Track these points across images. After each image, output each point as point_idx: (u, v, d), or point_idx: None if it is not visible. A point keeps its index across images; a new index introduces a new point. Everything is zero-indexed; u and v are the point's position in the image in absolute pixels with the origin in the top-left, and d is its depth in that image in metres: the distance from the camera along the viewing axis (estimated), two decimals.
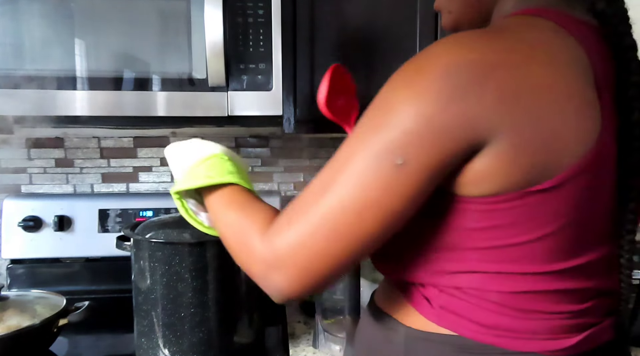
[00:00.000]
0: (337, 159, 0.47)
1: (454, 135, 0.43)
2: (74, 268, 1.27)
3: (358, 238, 0.46)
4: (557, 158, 0.44)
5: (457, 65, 0.43)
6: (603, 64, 0.48)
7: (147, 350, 0.87)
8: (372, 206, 0.45)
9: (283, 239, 0.49)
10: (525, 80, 0.44)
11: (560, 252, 0.48)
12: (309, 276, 0.48)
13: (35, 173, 1.33)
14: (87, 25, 0.94)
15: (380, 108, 0.46)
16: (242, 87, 0.97)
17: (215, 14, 0.92)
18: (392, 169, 0.44)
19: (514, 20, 0.50)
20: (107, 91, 0.95)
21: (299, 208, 0.49)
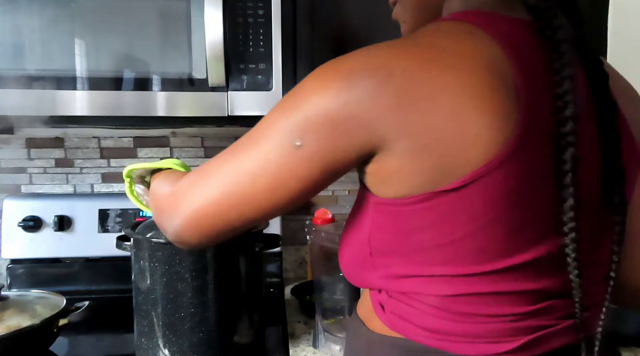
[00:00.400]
0: (252, 130, 0.53)
1: (348, 132, 0.46)
2: (74, 268, 1.27)
3: (250, 204, 0.51)
4: (462, 159, 0.45)
5: (359, 68, 0.46)
6: (535, 60, 0.48)
7: (147, 350, 0.87)
8: (266, 177, 0.50)
9: (185, 190, 0.55)
10: (424, 85, 0.45)
11: (489, 252, 0.48)
12: (198, 227, 0.54)
13: (35, 173, 1.33)
14: (87, 25, 0.94)
15: (294, 93, 0.50)
16: (242, 87, 0.97)
17: (215, 14, 0.92)
18: (290, 148, 0.48)
19: (433, 26, 0.51)
20: (107, 91, 0.95)
21: (208, 166, 0.55)
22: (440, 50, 0.47)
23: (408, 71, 0.45)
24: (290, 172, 0.49)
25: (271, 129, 0.50)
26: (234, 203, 0.52)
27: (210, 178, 0.54)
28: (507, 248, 0.48)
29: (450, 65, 0.46)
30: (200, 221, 0.54)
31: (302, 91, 0.49)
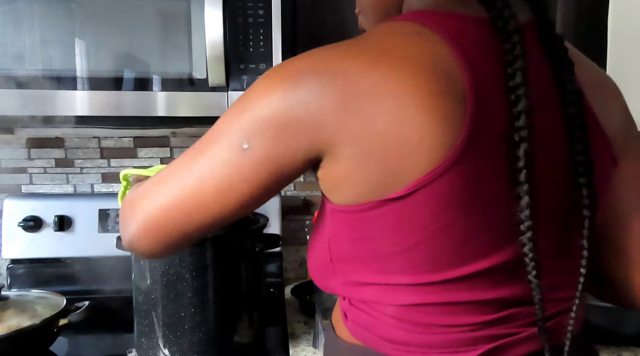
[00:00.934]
0: (205, 133, 0.51)
1: (294, 135, 0.46)
2: (74, 268, 1.27)
3: (199, 207, 0.50)
4: (407, 166, 0.43)
5: (304, 71, 0.46)
6: (487, 56, 0.46)
7: (147, 350, 0.87)
8: (214, 180, 0.49)
9: (142, 194, 0.54)
10: (367, 88, 0.44)
11: (441, 261, 0.47)
12: (149, 232, 0.53)
13: (35, 173, 1.33)
14: (87, 25, 0.94)
15: (244, 96, 0.49)
16: (242, 87, 0.97)
17: (215, 14, 0.92)
18: (239, 150, 0.47)
19: (381, 26, 0.50)
20: (107, 91, 0.95)
21: (165, 171, 0.54)
22: (384, 52, 0.45)
23: (350, 73, 0.44)
24: (238, 174, 0.48)
25: (221, 132, 0.49)
26: (183, 207, 0.51)
27: (162, 183, 0.53)
28: (461, 256, 0.47)
29: (394, 67, 0.44)
30: (150, 227, 0.53)
31: (251, 94, 0.48)
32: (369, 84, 0.44)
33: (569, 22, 1.11)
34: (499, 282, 0.49)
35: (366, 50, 0.46)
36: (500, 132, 0.45)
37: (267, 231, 0.94)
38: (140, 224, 0.53)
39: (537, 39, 0.50)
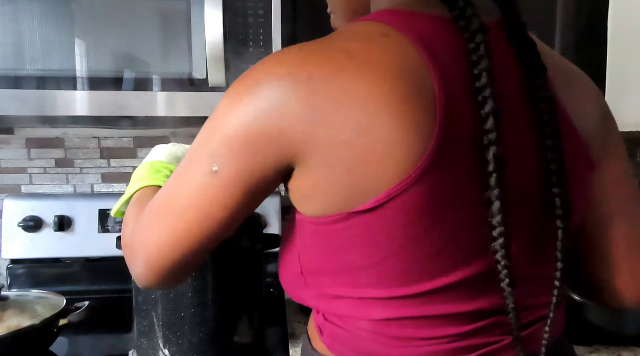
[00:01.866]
0: (183, 160, 0.50)
1: (261, 149, 0.44)
2: (74, 268, 1.27)
3: (184, 237, 0.49)
4: (375, 177, 0.41)
5: (264, 80, 0.44)
6: (455, 58, 0.44)
7: (147, 350, 0.87)
8: (193, 208, 0.47)
9: (136, 228, 0.54)
10: (331, 97, 0.41)
11: (413, 273, 0.45)
12: (153, 265, 0.51)
13: (35, 173, 1.33)
14: (87, 25, 0.94)
15: (212, 116, 0.48)
16: None
17: (215, 14, 0.92)
18: (209, 175, 0.46)
19: (347, 27, 0.48)
20: (107, 91, 0.95)
21: (153, 201, 0.52)
22: (348, 56, 0.43)
23: (314, 79, 0.42)
24: (213, 201, 0.46)
25: (193, 158, 0.48)
26: (175, 242, 0.49)
27: (152, 221, 0.51)
28: (433, 268, 0.45)
29: (360, 73, 0.42)
30: (153, 267, 0.51)
31: (216, 112, 0.47)
32: (334, 91, 0.42)
33: (569, 22, 1.11)
34: (474, 293, 0.47)
35: (330, 55, 0.43)
36: (469, 137, 0.43)
37: (267, 231, 0.95)
38: (143, 266, 0.52)
39: (506, 42, 0.48)
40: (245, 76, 0.46)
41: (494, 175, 0.42)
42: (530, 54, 0.48)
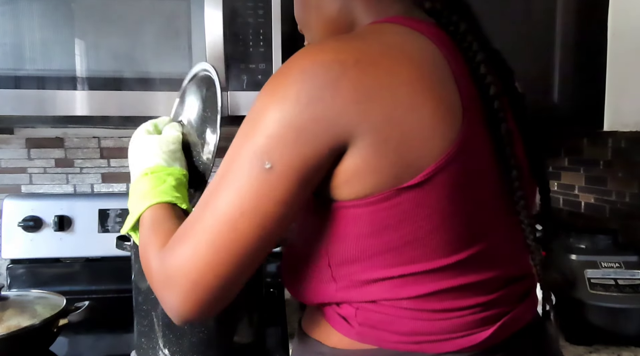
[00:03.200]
0: (219, 168, 0.48)
1: (315, 136, 0.44)
2: (74, 268, 1.27)
3: (239, 248, 0.46)
4: (423, 152, 0.45)
5: (311, 67, 0.45)
6: (455, 57, 0.50)
7: (147, 350, 0.87)
8: (248, 213, 0.45)
9: (172, 256, 0.49)
10: (380, 77, 0.45)
11: (453, 243, 0.48)
12: (198, 293, 0.47)
13: (35, 173, 1.33)
14: (87, 25, 0.94)
15: (250, 117, 0.47)
16: (242, 87, 0.97)
17: (215, 14, 0.92)
18: (262, 173, 0.45)
19: (370, 27, 0.52)
20: (107, 91, 0.95)
21: (188, 223, 0.49)
22: (387, 46, 0.47)
23: (361, 62, 0.45)
24: (270, 200, 0.45)
25: (236, 161, 0.46)
26: (228, 257, 0.46)
27: (194, 241, 0.47)
28: (469, 237, 0.49)
29: (401, 58, 0.46)
30: (199, 298, 0.47)
31: (256, 110, 0.46)
32: (382, 72, 0.45)
33: (569, 22, 1.11)
34: (499, 260, 0.52)
35: (370, 44, 0.47)
36: (481, 118, 0.49)
37: None
38: (185, 296, 0.48)
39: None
40: (285, 70, 0.46)
41: (508, 148, 0.49)
42: (500, 59, 0.57)
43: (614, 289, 0.94)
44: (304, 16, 0.62)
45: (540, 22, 1.11)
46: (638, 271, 0.96)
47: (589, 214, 1.31)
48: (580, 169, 1.33)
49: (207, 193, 0.48)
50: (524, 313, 0.54)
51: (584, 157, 1.32)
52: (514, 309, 0.53)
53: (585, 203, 1.32)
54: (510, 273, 0.53)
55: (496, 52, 0.56)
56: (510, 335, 0.52)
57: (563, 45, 1.11)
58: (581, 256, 0.99)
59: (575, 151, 1.35)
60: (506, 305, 0.52)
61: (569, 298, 0.97)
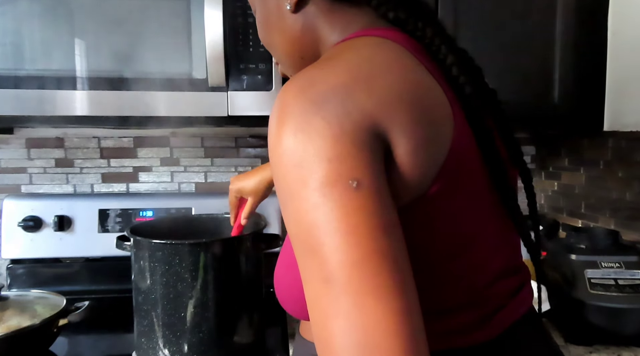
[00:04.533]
0: (300, 244, 0.40)
1: (365, 141, 0.41)
2: (74, 268, 1.27)
3: (396, 286, 0.37)
4: (445, 133, 0.45)
5: (329, 90, 0.41)
6: (428, 61, 0.49)
7: (147, 350, 0.87)
8: (376, 242, 0.38)
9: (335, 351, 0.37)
10: (389, 66, 0.45)
11: (456, 246, 0.48)
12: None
13: (35, 173, 1.33)
14: (87, 25, 0.94)
15: (285, 164, 0.40)
16: (242, 87, 0.97)
17: (215, 14, 0.92)
18: (354, 193, 0.38)
19: (340, 46, 0.49)
20: (107, 91, 0.95)
21: (320, 310, 0.38)
22: (385, 53, 0.46)
23: (369, 70, 0.44)
24: (375, 218, 0.38)
25: (318, 209, 0.38)
26: (388, 301, 0.36)
27: (345, 313, 0.36)
28: (461, 235, 0.49)
29: (397, 55, 0.46)
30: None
31: (290, 152, 0.40)
32: (388, 62, 0.45)
33: (569, 23, 1.11)
34: (488, 255, 0.52)
35: (361, 53, 0.46)
36: (464, 113, 0.49)
37: (267, 231, 0.95)
38: None
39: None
40: (301, 99, 0.41)
41: (490, 143, 0.49)
42: (468, 58, 0.56)
43: (614, 289, 0.94)
44: (267, 38, 0.60)
45: (540, 22, 1.11)
46: (638, 271, 0.96)
47: (589, 214, 1.31)
48: (580, 169, 1.33)
49: (311, 266, 0.39)
50: (518, 307, 0.54)
51: (584, 157, 1.32)
52: (507, 304, 0.52)
53: (585, 203, 1.32)
54: (502, 267, 0.53)
55: (463, 52, 0.56)
56: (504, 329, 0.52)
57: (563, 45, 1.11)
58: (581, 256, 0.99)
59: (575, 151, 1.35)
60: (499, 300, 0.52)
61: (569, 298, 0.97)
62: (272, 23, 0.58)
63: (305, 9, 0.54)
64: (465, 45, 0.56)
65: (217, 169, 1.40)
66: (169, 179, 1.37)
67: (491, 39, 1.09)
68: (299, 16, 0.55)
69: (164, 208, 1.26)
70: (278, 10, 0.56)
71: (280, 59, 0.61)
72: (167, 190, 1.38)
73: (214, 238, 0.89)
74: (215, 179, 1.40)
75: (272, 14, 0.57)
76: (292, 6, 0.54)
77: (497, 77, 1.16)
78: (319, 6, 0.54)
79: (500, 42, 1.10)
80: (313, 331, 0.39)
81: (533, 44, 1.11)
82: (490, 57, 1.08)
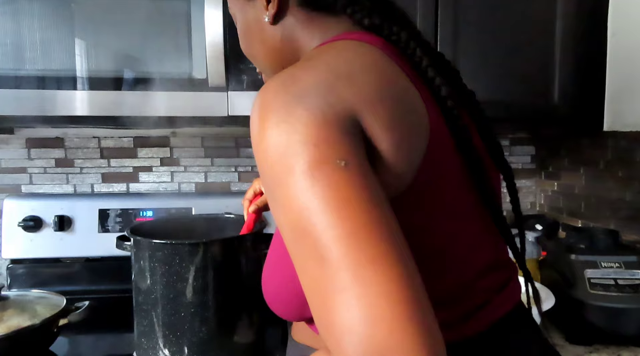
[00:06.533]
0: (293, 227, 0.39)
1: (346, 127, 0.41)
2: (74, 268, 1.27)
3: (393, 253, 0.37)
4: (421, 126, 0.46)
5: (311, 84, 0.42)
6: (404, 64, 0.50)
7: (147, 350, 0.87)
8: (369, 213, 0.38)
9: (350, 332, 0.35)
10: (368, 64, 0.45)
11: (436, 243, 0.49)
12: (412, 336, 0.34)
13: (35, 173, 1.33)
14: (87, 25, 0.94)
15: (276, 158, 0.40)
16: (242, 87, 0.97)
17: (215, 14, 0.92)
18: (344, 172, 0.38)
19: (319, 49, 0.50)
20: (107, 91, 0.95)
21: (319, 293, 0.37)
22: (364, 54, 0.47)
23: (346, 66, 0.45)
24: (366, 191, 0.38)
25: (307, 193, 0.38)
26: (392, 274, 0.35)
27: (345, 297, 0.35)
28: (444, 232, 0.50)
29: (374, 53, 0.47)
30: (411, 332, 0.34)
31: (273, 142, 0.40)
32: (367, 62, 0.46)
33: (569, 22, 1.11)
34: (472, 251, 0.52)
35: (348, 59, 0.46)
36: (439, 110, 0.49)
37: (267, 231, 0.94)
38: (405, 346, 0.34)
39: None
40: (281, 94, 0.42)
41: (468, 141, 0.50)
42: (444, 60, 0.58)
43: (614, 289, 0.94)
44: (248, 48, 0.62)
45: (540, 22, 1.11)
46: (638, 271, 0.96)
47: (589, 214, 1.31)
48: (580, 169, 1.33)
49: (305, 248, 0.38)
50: (504, 303, 0.54)
51: (584, 157, 1.32)
52: (492, 299, 0.52)
53: (585, 203, 1.32)
54: (486, 263, 0.53)
55: (440, 55, 0.58)
56: (491, 324, 0.52)
57: (563, 45, 1.11)
58: (581, 256, 0.99)
59: (575, 151, 1.35)
60: (484, 295, 0.52)
61: (569, 298, 0.97)
62: (253, 34, 0.59)
63: (283, 20, 0.56)
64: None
65: (217, 169, 1.40)
66: (169, 179, 1.37)
67: (491, 39, 1.09)
68: (278, 27, 0.56)
69: (164, 208, 1.26)
70: (257, 23, 0.57)
71: (262, 68, 0.63)
72: (167, 190, 1.38)
73: (214, 238, 0.89)
74: (215, 179, 1.40)
75: (252, 25, 0.59)
76: (271, 18, 0.55)
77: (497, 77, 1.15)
78: (296, 17, 0.55)
79: (500, 42, 1.10)
80: (315, 317, 0.38)
81: (533, 44, 1.11)
82: (490, 57, 1.08)
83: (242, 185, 1.41)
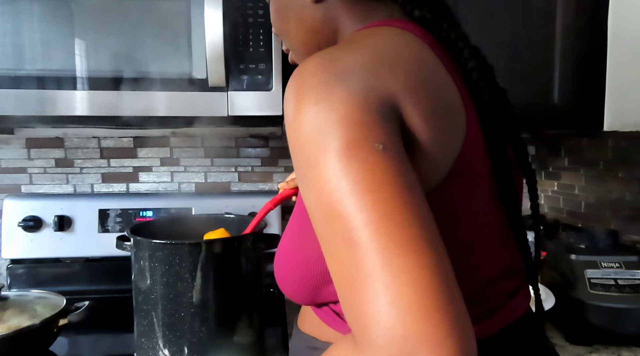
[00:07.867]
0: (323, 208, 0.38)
1: (383, 111, 0.40)
2: (74, 268, 1.27)
3: (424, 240, 0.35)
4: (459, 123, 0.46)
5: (351, 65, 0.42)
6: (446, 59, 0.49)
7: (147, 350, 0.87)
8: (402, 198, 0.36)
9: (375, 321, 0.34)
10: (410, 55, 0.45)
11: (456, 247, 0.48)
12: (438, 326, 0.33)
13: (35, 173, 1.33)
14: (87, 25, 0.94)
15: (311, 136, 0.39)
16: (242, 87, 0.97)
17: (215, 14, 0.92)
18: (381, 155, 0.37)
19: (362, 32, 0.49)
20: (107, 91, 0.95)
21: (346, 277, 0.36)
22: (402, 44, 0.47)
23: (388, 49, 0.45)
24: (402, 177, 0.37)
25: (340, 173, 0.37)
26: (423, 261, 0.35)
27: (382, 279, 0.34)
28: (471, 234, 0.49)
29: (414, 42, 0.47)
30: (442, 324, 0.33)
31: (318, 119, 0.39)
32: (409, 52, 0.45)
33: (569, 22, 1.11)
34: (488, 256, 0.52)
35: (381, 40, 0.46)
36: (476, 109, 0.49)
37: (267, 231, 0.94)
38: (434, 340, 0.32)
39: None
40: (320, 72, 0.41)
41: (497, 148, 0.49)
42: (482, 57, 0.56)
43: (614, 289, 0.94)
44: (283, 26, 0.59)
45: (540, 22, 1.11)
46: (638, 271, 0.96)
47: (589, 214, 1.31)
48: (580, 169, 1.33)
49: (341, 232, 0.36)
50: (515, 309, 0.54)
51: (584, 157, 1.32)
52: (505, 304, 0.52)
53: (585, 203, 1.32)
54: (502, 269, 0.53)
55: (479, 52, 0.57)
56: (501, 329, 0.52)
57: (563, 45, 1.11)
58: (581, 256, 0.99)
59: (575, 151, 1.35)
60: (498, 300, 0.52)
61: (569, 298, 0.97)
62: (291, 11, 0.57)
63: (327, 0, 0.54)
64: None
65: (217, 169, 1.40)
66: (169, 179, 1.37)
67: (491, 39, 1.09)
68: (321, 6, 0.55)
69: (164, 208, 1.26)
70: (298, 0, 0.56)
71: (295, 47, 0.60)
72: (167, 190, 1.38)
73: (214, 238, 0.89)
74: (215, 179, 1.40)
75: (291, 2, 0.57)
76: None
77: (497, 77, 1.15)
78: None
79: (500, 42, 1.10)
80: (341, 301, 0.37)
81: (533, 44, 1.11)
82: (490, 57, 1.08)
83: (242, 185, 1.41)
